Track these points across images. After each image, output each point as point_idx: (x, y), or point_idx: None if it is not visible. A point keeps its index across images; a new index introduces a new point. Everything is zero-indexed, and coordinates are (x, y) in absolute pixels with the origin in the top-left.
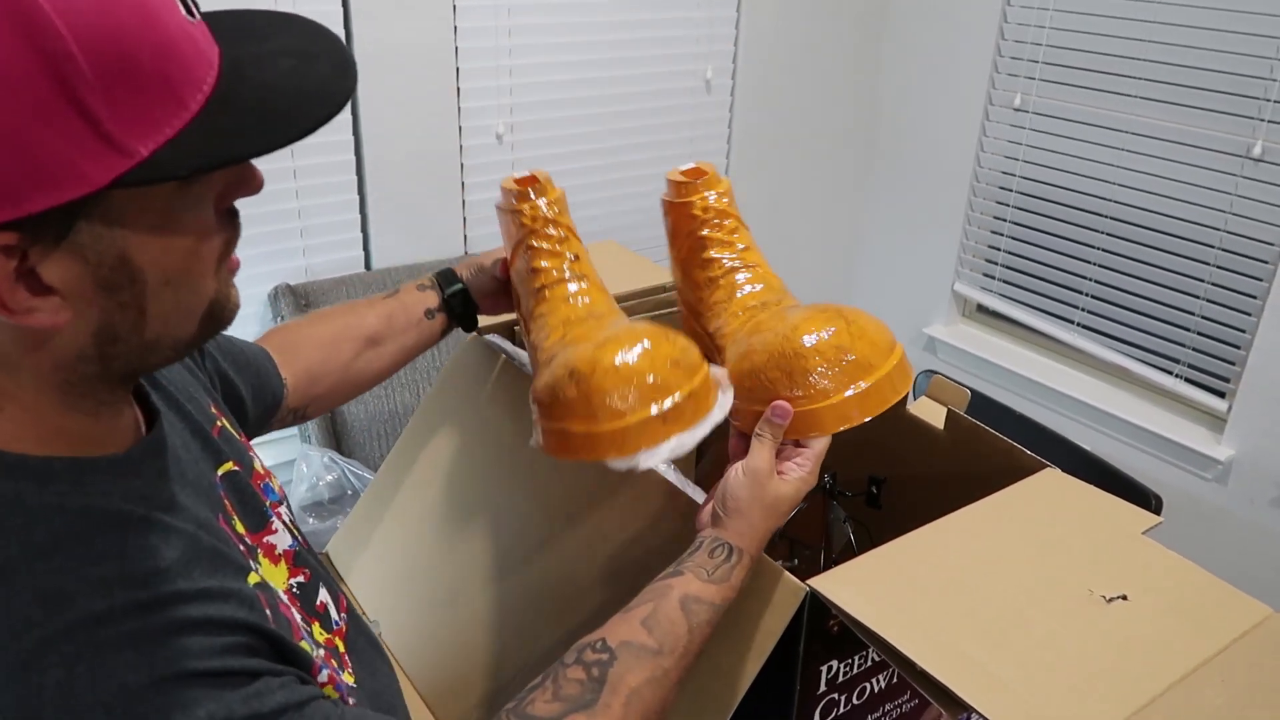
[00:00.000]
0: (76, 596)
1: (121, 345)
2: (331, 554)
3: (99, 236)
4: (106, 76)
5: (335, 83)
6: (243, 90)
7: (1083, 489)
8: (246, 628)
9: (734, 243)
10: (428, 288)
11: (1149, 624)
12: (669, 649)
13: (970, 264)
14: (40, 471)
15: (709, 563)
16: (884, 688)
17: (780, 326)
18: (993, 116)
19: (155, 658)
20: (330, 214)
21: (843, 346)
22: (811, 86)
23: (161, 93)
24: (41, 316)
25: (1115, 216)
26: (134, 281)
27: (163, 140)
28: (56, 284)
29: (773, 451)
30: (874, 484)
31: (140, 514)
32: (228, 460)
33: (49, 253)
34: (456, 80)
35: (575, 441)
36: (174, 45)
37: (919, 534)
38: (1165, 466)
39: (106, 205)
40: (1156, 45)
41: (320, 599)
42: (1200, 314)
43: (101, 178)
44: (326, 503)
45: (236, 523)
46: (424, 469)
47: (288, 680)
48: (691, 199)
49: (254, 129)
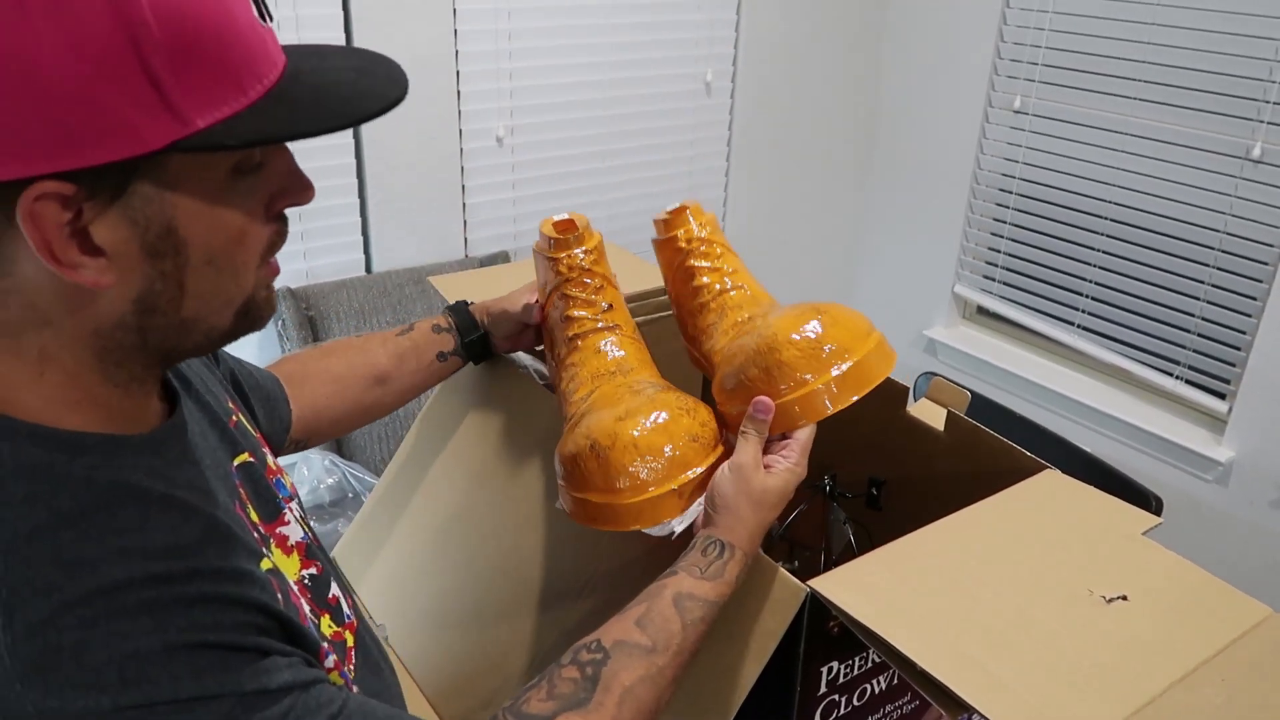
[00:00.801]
0: (99, 564)
1: (159, 318)
2: (337, 558)
3: (150, 201)
4: (175, 48)
5: (387, 87)
6: (299, 87)
7: (1082, 490)
8: (259, 608)
9: (720, 267)
10: (444, 330)
11: (1149, 624)
12: (662, 646)
13: (970, 266)
14: (72, 444)
15: (701, 560)
16: (884, 689)
17: (759, 327)
18: (992, 118)
19: (170, 626)
20: (331, 217)
21: (818, 335)
22: (811, 89)
23: (223, 75)
24: (87, 274)
25: (1115, 218)
26: (178, 252)
27: (220, 118)
28: (105, 245)
29: (758, 447)
30: (874, 486)
31: (162, 491)
32: (243, 451)
33: (102, 211)
34: (457, 83)
35: (595, 510)
36: (240, 36)
37: (919, 535)
38: (1165, 468)
39: (161, 170)
40: (1156, 47)
41: (332, 593)
42: (1200, 315)
43: (158, 140)
44: (327, 505)
45: (251, 511)
46: (429, 473)
47: (295, 661)
48: (675, 232)
49: (305, 117)
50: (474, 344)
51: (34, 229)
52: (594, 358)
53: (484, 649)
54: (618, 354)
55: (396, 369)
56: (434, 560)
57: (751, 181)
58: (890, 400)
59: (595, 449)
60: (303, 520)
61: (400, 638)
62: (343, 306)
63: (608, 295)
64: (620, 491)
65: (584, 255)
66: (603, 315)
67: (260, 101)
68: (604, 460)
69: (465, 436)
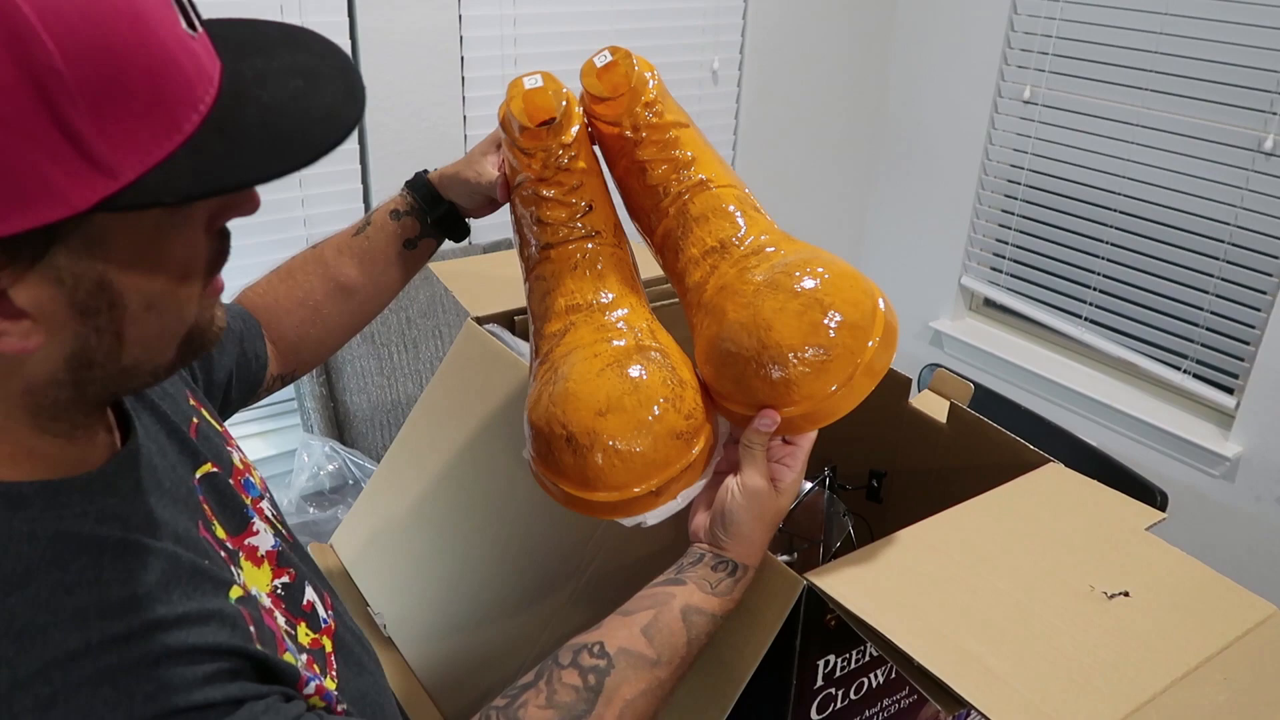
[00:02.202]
0: (51, 630)
1: (97, 370)
2: (335, 546)
3: (77, 260)
4: (94, 93)
5: (343, 108)
6: (243, 113)
7: (1086, 484)
8: (227, 652)
9: (675, 157)
10: (404, 214)
11: (1151, 621)
12: (666, 660)
13: (977, 257)
14: (10, 497)
15: (713, 577)
16: (882, 683)
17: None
18: (1002, 109)
19: (135, 696)
20: (334, 203)
21: (821, 344)
22: (819, 77)
23: (153, 112)
24: (11, 341)
25: (1125, 210)
26: (113, 306)
27: (152, 163)
28: (28, 307)
29: (765, 462)
30: (874, 478)
31: (117, 537)
32: (206, 461)
33: (22, 275)
34: (461, 71)
35: (566, 499)
36: (170, 61)
37: (918, 528)
38: (1172, 463)
39: (87, 228)
40: (1168, 38)
41: (307, 598)
42: (1209, 309)
43: (83, 200)
44: (328, 492)
45: (217, 527)
46: (426, 460)
47: (272, 701)
48: (618, 115)
49: (252, 156)
50: (442, 221)
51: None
52: (569, 277)
53: (484, 640)
54: (597, 271)
55: (362, 274)
56: (432, 549)
57: (758, 170)
58: (893, 392)
59: (571, 443)
60: (275, 520)
61: (398, 627)
62: None
63: (587, 193)
64: (595, 490)
65: (562, 152)
66: (582, 219)
67: (197, 135)
68: (580, 457)
69: (464, 425)
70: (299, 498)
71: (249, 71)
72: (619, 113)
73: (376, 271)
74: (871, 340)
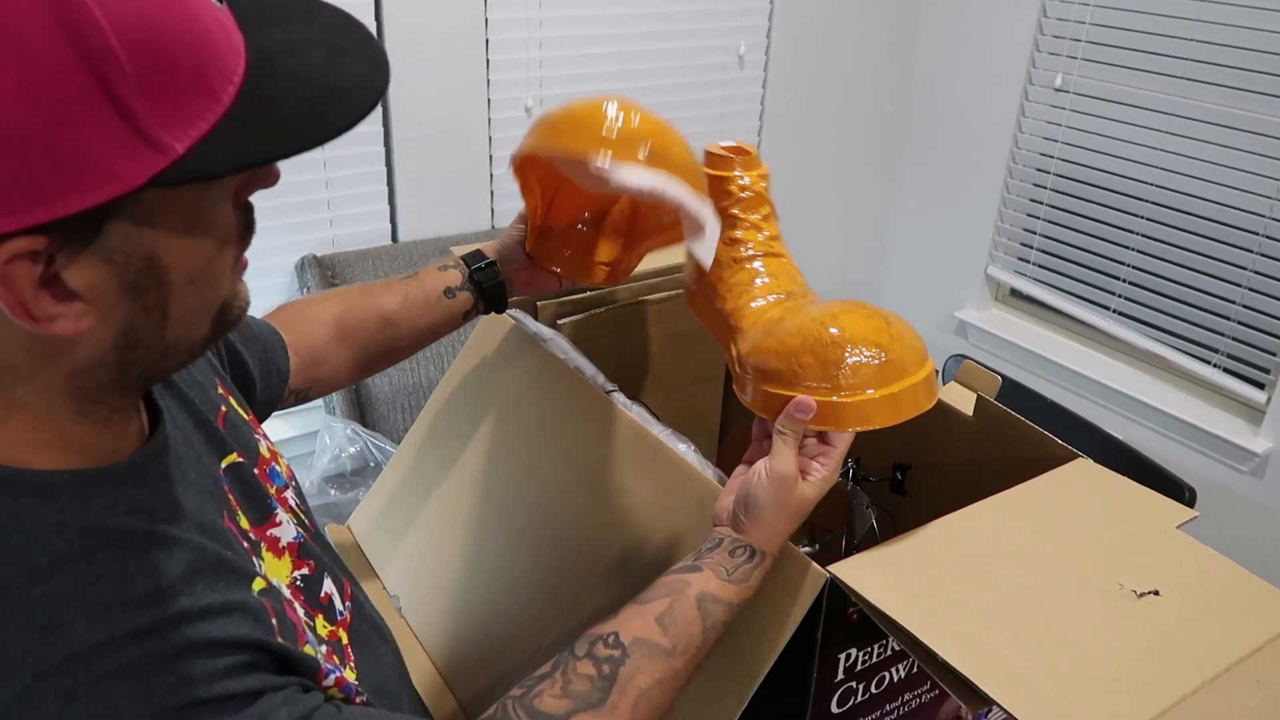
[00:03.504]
0: (75, 623)
1: (142, 350)
2: (353, 528)
3: (128, 237)
4: (144, 70)
5: (370, 76)
6: (275, 84)
7: (1116, 480)
8: (247, 644)
9: (763, 227)
10: (450, 267)
11: (1181, 620)
12: (682, 649)
13: (1005, 247)
14: (41, 486)
15: (729, 562)
16: (903, 677)
17: (817, 313)
18: (1032, 96)
19: (155, 688)
20: (357, 185)
21: (880, 345)
22: (846, 62)
23: (196, 86)
24: (64, 324)
25: (1156, 201)
26: (160, 283)
27: (197, 137)
28: (81, 289)
29: (795, 450)
30: (899, 470)
31: (143, 529)
32: (231, 452)
33: (76, 256)
34: (486, 52)
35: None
36: (208, 35)
37: (944, 522)
38: (1200, 458)
39: (136, 205)
40: (1203, 25)
41: (324, 590)
42: (1241, 303)
43: (137, 177)
44: (349, 474)
45: (241, 518)
46: (446, 444)
47: (290, 693)
48: (729, 174)
49: (289, 126)
50: (482, 273)
51: (6, 291)
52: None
53: (501, 624)
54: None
55: (401, 308)
56: (450, 532)
57: (783, 156)
58: None
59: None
60: (298, 509)
61: (414, 609)
62: (368, 275)
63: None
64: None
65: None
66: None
67: (236, 108)
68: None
69: (485, 409)
70: (320, 479)
71: (270, 43)
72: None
73: (414, 310)
74: (922, 369)
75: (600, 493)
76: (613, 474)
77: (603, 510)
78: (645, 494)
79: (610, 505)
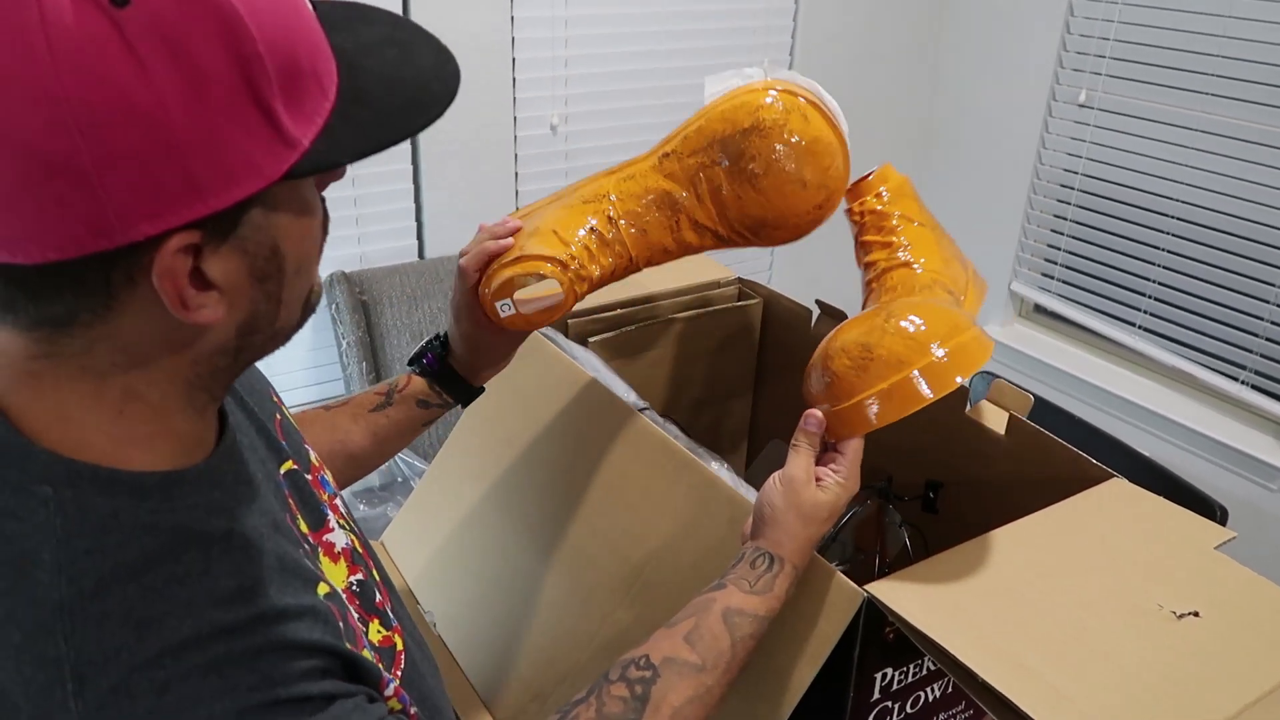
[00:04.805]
0: (166, 619)
1: (258, 336)
2: (387, 543)
3: (259, 228)
4: (281, 71)
5: (444, 67)
6: (365, 80)
7: (1152, 500)
8: (321, 649)
9: (892, 241)
10: (434, 405)
11: (1221, 642)
12: (711, 664)
13: (1029, 263)
14: (135, 488)
15: (750, 574)
16: (938, 697)
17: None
18: (1056, 113)
19: (240, 685)
20: (385, 203)
21: (868, 344)
22: (869, 78)
23: (314, 85)
24: (207, 313)
25: (1182, 217)
26: (280, 270)
27: (317, 131)
28: (218, 279)
29: (810, 459)
30: (931, 489)
31: (223, 529)
32: (288, 458)
33: (218, 249)
34: (512, 71)
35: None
36: (317, 34)
37: (980, 541)
38: (1228, 476)
39: (264, 197)
40: (1226, 40)
41: (379, 597)
42: (1269, 319)
43: (275, 171)
44: (377, 490)
45: (300, 522)
46: (479, 460)
47: (359, 701)
48: (853, 204)
49: (390, 118)
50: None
51: (169, 284)
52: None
53: (536, 642)
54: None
55: (373, 446)
56: (484, 549)
57: None
58: (950, 401)
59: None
60: (347, 518)
61: (449, 626)
62: (395, 291)
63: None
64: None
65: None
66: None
67: (340, 103)
68: None
69: (517, 425)
70: (349, 494)
71: (346, 44)
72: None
73: (389, 445)
74: (921, 361)
75: (633, 510)
76: (645, 492)
77: (636, 528)
78: (678, 512)
79: (643, 522)
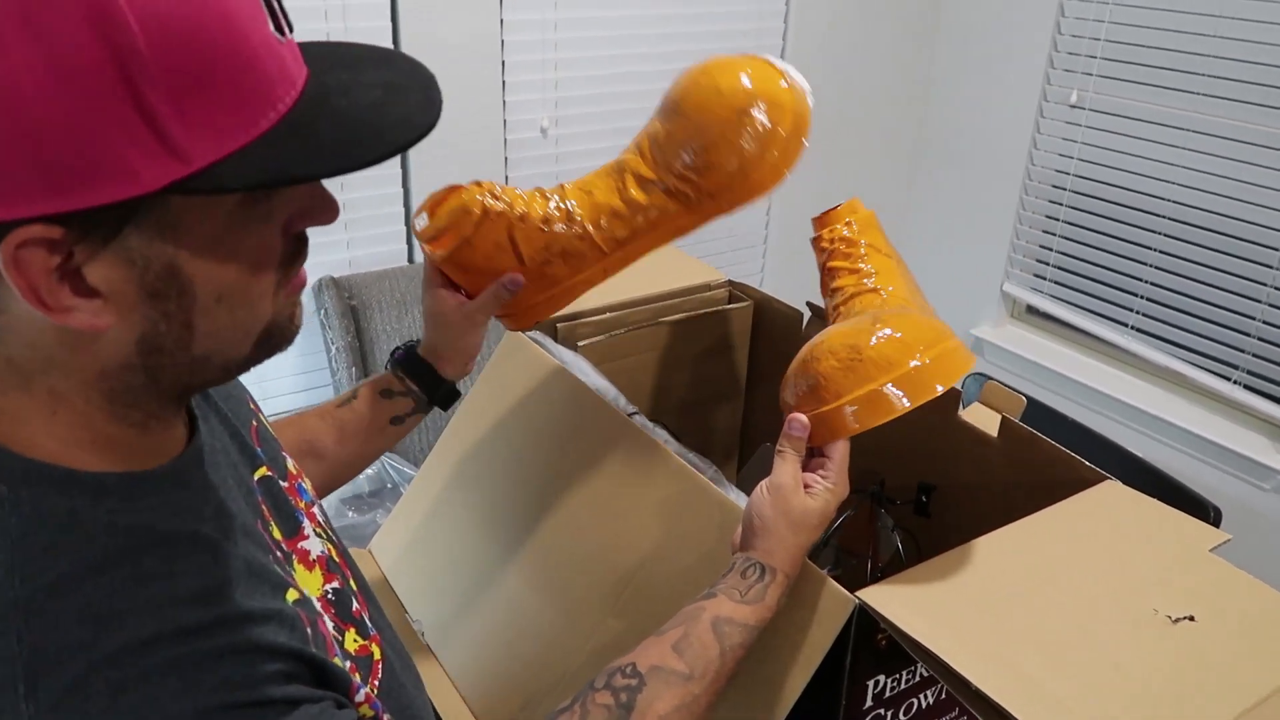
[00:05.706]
0: (125, 618)
1: (167, 358)
2: (375, 551)
3: (149, 243)
4: (174, 79)
5: (417, 115)
6: (320, 116)
7: (1146, 503)
8: (287, 654)
9: (860, 269)
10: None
11: (1217, 646)
12: (699, 673)
13: (1021, 264)
14: (95, 487)
15: (741, 583)
16: (932, 704)
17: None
18: (1047, 113)
19: (199, 687)
20: (374, 207)
21: (855, 347)
22: (861, 80)
23: (231, 105)
24: (81, 317)
25: (1173, 217)
26: (182, 293)
27: (225, 153)
28: (100, 286)
29: (796, 466)
30: (923, 492)
31: (188, 531)
32: (262, 465)
33: (95, 253)
34: (502, 74)
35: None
36: (254, 58)
37: (974, 546)
38: (1222, 476)
39: (161, 212)
40: (1220, 40)
41: (355, 606)
42: (1261, 319)
43: (154, 181)
44: (366, 496)
45: (273, 528)
46: (467, 467)
47: (326, 706)
48: (820, 233)
49: (320, 153)
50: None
51: (18, 275)
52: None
53: (524, 650)
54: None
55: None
56: (472, 557)
57: (797, 174)
58: (941, 404)
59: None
60: (324, 526)
61: (437, 634)
62: (384, 296)
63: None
64: None
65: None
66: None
67: (272, 132)
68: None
69: (507, 432)
70: (338, 501)
71: (334, 82)
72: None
73: (355, 444)
74: (904, 367)
75: (622, 517)
76: (635, 498)
77: (625, 534)
78: (668, 518)
79: (633, 529)
